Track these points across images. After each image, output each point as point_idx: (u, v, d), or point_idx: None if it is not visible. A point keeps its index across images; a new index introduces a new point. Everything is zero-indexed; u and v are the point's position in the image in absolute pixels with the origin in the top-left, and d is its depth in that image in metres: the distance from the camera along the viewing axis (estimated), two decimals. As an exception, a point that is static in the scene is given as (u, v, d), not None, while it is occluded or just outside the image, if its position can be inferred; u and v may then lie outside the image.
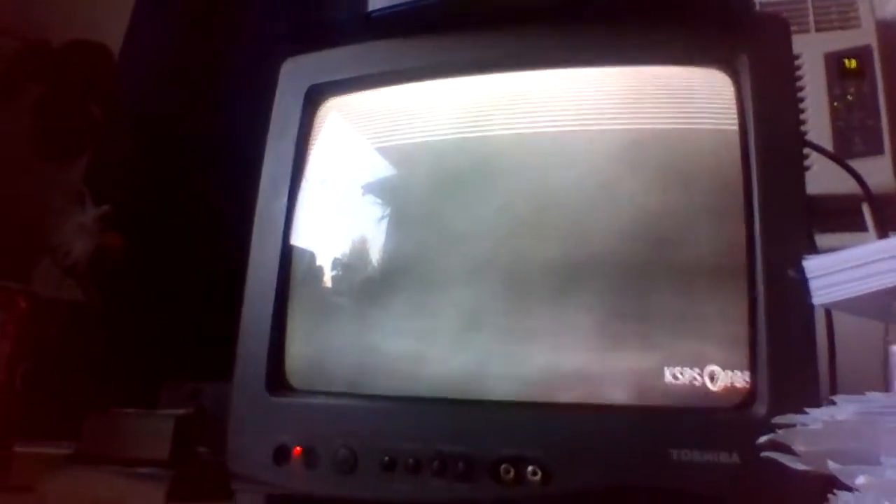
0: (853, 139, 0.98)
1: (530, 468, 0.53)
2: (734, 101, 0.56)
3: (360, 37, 0.67)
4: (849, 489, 0.33)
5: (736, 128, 0.56)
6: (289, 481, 0.60)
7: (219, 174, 1.05)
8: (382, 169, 0.67)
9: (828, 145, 0.95)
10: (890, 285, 0.34)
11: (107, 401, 0.74)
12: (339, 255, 0.66)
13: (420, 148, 0.65)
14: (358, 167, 0.67)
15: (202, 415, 0.76)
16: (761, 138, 0.55)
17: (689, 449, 0.51)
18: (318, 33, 0.76)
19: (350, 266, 0.65)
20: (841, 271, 0.37)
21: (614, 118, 0.59)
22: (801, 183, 0.54)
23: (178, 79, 1.17)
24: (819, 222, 0.83)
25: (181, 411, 0.72)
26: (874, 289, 0.35)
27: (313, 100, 0.68)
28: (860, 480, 0.31)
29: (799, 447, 0.35)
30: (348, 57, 0.68)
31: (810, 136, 0.96)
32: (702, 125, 0.57)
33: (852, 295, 0.36)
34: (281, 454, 0.60)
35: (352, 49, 0.68)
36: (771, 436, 0.37)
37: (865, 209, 0.89)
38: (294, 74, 0.70)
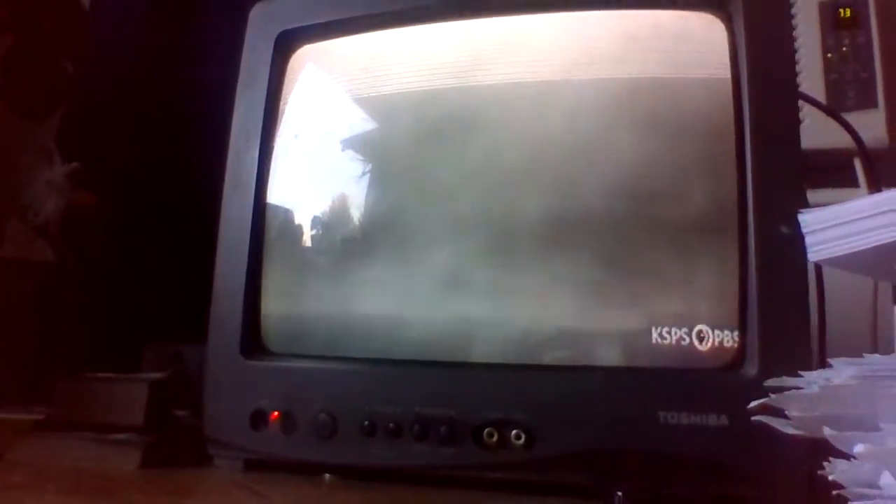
0: (847, 92, 0.96)
1: (514, 432, 0.52)
2: (727, 47, 0.54)
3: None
4: (844, 456, 0.32)
5: (728, 76, 0.53)
6: (266, 446, 0.59)
7: (198, 128, 1.02)
8: (359, 120, 0.64)
9: (820, 98, 0.93)
10: (891, 240, 0.32)
11: (85, 364, 0.72)
12: (315, 212, 0.64)
13: (399, 98, 0.62)
14: (333, 118, 0.64)
15: (182, 378, 0.74)
16: (755, 86, 0.52)
17: (677, 411, 0.49)
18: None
19: (327, 223, 0.63)
20: (839, 225, 0.35)
21: (604, 66, 0.56)
22: (796, 134, 0.52)
23: (151, 31, 1.13)
24: (810, 177, 0.82)
25: (157, 375, 0.70)
26: (875, 244, 0.33)
27: (284, 46, 0.65)
28: (858, 448, 0.30)
29: (793, 412, 0.33)
30: (321, 0, 0.65)
31: (803, 89, 0.94)
32: (693, 73, 0.55)
33: (852, 251, 0.34)
34: (258, 419, 0.59)
35: (325, -9, 0.65)
36: (763, 400, 0.35)
37: (857, 164, 0.87)
38: (263, 19, 0.66)
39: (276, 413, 0.58)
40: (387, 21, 0.63)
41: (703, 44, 0.55)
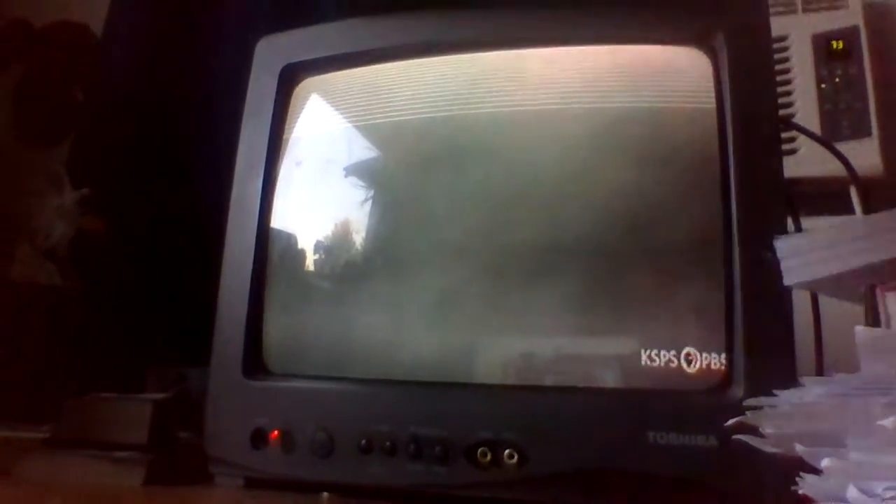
0: (841, 121, 0.98)
1: (507, 451, 0.53)
2: (712, 80, 0.56)
3: (337, 14, 0.66)
4: (816, 472, 0.33)
5: (713, 107, 0.55)
6: (266, 465, 0.60)
7: (204, 155, 1.04)
8: (359, 150, 0.66)
9: (815, 128, 0.95)
10: (858, 266, 0.34)
11: (90, 385, 0.74)
12: (315, 238, 0.65)
13: (398, 128, 0.64)
14: (335, 147, 0.66)
15: (185, 399, 0.75)
16: (738, 117, 0.54)
17: (666, 431, 0.50)
18: (295, 11, 0.74)
19: (326, 248, 0.65)
20: (811, 251, 0.36)
21: (592, 98, 0.59)
22: (779, 163, 0.54)
23: (159, 61, 1.16)
24: (806, 205, 0.83)
25: (160, 395, 0.71)
26: (843, 269, 0.34)
27: (288, 79, 0.67)
28: (825, 463, 0.31)
29: (767, 429, 0.35)
30: (324, 35, 0.67)
31: (798, 119, 0.96)
32: (680, 105, 0.57)
33: (822, 276, 0.35)
34: (258, 438, 0.60)
35: (327, 27, 0.67)
36: (740, 418, 0.36)
37: (853, 192, 0.89)
38: (268, 54, 0.68)
39: (275, 432, 0.59)
40: (387, 55, 0.65)
41: (689, 77, 0.57)
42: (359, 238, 0.63)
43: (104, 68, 1.24)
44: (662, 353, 0.53)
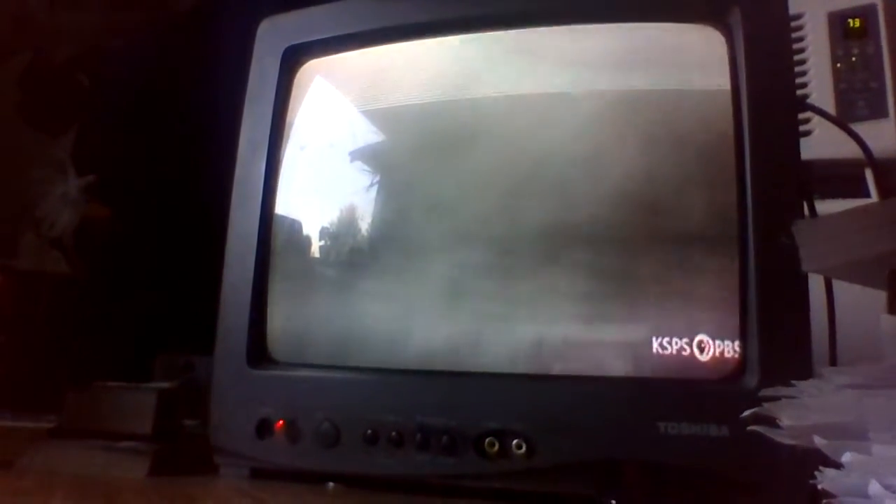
0: (856, 102, 0.95)
1: (515, 441, 0.52)
2: (727, 59, 0.54)
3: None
4: (836, 465, 0.32)
5: (728, 87, 0.53)
6: (271, 455, 0.59)
7: (208, 140, 1.03)
8: (364, 133, 0.65)
9: (830, 108, 0.93)
10: (880, 251, 0.32)
11: (97, 374, 0.73)
12: (320, 223, 0.64)
13: (403, 111, 0.62)
14: (338, 131, 0.65)
15: (191, 388, 0.75)
16: (754, 97, 0.52)
17: (677, 421, 0.49)
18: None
19: (332, 234, 0.64)
20: (831, 237, 0.35)
21: (604, 79, 0.57)
22: (796, 145, 0.52)
23: (163, 46, 1.15)
24: (821, 188, 0.81)
25: (165, 384, 0.71)
26: (863, 255, 0.33)
27: (290, 61, 0.66)
28: (847, 458, 0.30)
29: (785, 421, 0.33)
30: (327, 16, 0.66)
31: (812, 99, 0.94)
32: (694, 85, 0.55)
33: (841, 262, 0.34)
34: (263, 428, 0.60)
35: (330, 8, 0.66)
36: (756, 409, 0.35)
37: (868, 174, 0.87)
38: (270, 35, 0.67)
39: (280, 422, 0.59)
40: (390, 36, 0.64)
41: (703, 56, 0.55)
42: (364, 224, 0.62)
43: (108, 55, 1.23)
44: (674, 340, 0.52)
